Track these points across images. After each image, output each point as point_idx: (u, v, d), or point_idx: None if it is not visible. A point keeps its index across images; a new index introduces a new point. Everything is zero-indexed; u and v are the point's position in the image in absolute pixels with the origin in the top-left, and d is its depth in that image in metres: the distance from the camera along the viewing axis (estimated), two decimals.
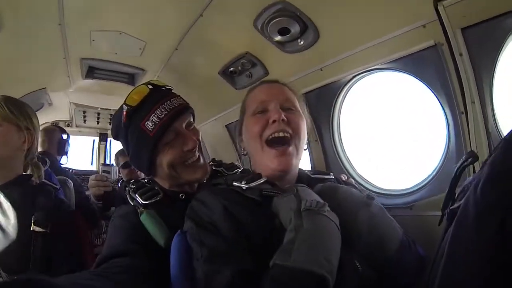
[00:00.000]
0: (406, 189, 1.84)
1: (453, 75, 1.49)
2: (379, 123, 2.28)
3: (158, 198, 1.23)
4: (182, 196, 1.32)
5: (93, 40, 2.32)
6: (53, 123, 3.75)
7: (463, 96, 1.47)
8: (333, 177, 1.36)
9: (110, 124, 4.06)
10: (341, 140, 2.22)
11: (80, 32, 2.23)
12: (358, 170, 2.15)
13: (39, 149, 2.90)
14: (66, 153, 3.18)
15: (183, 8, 1.98)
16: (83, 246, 1.54)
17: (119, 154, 3.26)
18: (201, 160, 1.33)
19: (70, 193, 2.31)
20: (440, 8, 1.37)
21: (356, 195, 1.08)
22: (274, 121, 1.17)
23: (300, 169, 1.30)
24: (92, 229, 2.91)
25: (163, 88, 1.31)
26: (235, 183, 1.11)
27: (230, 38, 2.20)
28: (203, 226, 1.00)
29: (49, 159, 2.35)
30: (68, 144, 3.20)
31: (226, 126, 3.15)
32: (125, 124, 1.24)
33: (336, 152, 2.18)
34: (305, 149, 1.28)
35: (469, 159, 0.98)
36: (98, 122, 4.30)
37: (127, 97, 1.23)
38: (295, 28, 1.86)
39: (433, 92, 1.63)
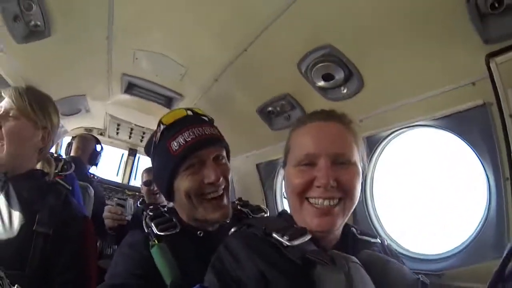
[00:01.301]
0: (437, 255, 1.74)
1: (500, 138, 1.43)
2: (416, 182, 2.19)
3: (174, 231, 1.21)
4: (200, 233, 1.28)
5: (136, 58, 2.44)
6: (87, 129, 4.01)
7: (510, 161, 1.39)
8: (379, 241, 1.18)
9: (141, 141, 4.36)
10: (372, 196, 2.16)
11: (125, 48, 2.35)
12: (386, 229, 2.07)
13: (72, 154, 3.13)
14: (96, 164, 3.34)
15: (228, 40, 2.04)
16: (88, 257, 1.47)
17: (145, 171, 3.30)
18: (225, 200, 1.27)
19: (90, 200, 2.39)
20: (492, 65, 1.34)
21: (409, 277, 0.95)
22: (319, 187, 0.99)
23: (346, 224, 1.13)
24: (104, 239, 2.93)
25: (202, 117, 1.33)
26: (275, 235, 0.95)
27: (272, 78, 2.23)
28: (228, 285, 0.90)
29: (78, 165, 2.42)
30: (100, 155, 3.36)
31: (257, 165, 3.13)
32: (156, 142, 1.27)
33: (366, 208, 2.11)
34: None
35: None
36: (130, 137, 4.46)
37: (164, 116, 1.27)
38: (339, 75, 1.86)
39: (477, 155, 1.58)
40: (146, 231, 1.21)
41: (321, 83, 1.94)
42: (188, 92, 2.83)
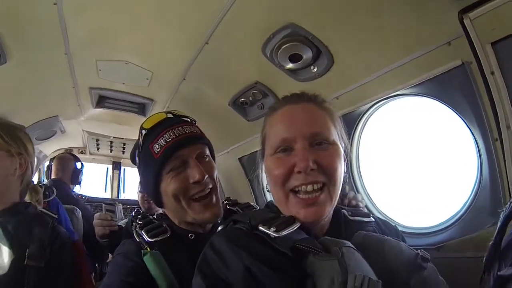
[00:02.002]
0: (433, 227, 1.64)
1: (484, 98, 1.31)
2: (402, 153, 2.07)
3: (165, 237, 1.17)
4: (191, 236, 1.24)
5: (100, 70, 2.33)
6: (67, 150, 3.85)
7: (497, 120, 1.28)
8: (373, 219, 1.11)
9: (123, 153, 4.28)
10: (360, 174, 2.04)
11: (87, 61, 2.23)
12: (379, 206, 1.95)
13: (52, 176, 3.01)
14: (79, 183, 3.22)
15: (187, 36, 1.92)
16: (83, 282, 1.45)
17: None
18: (214, 200, 1.23)
19: (78, 223, 2.29)
20: (466, 21, 1.22)
21: (408, 254, 0.87)
22: (300, 172, 0.91)
23: (337, 208, 1.05)
24: (99, 263, 2.86)
25: (182, 117, 1.31)
26: (261, 228, 0.87)
27: (239, 67, 2.10)
28: (215, 287, 0.82)
29: (61, 187, 2.36)
30: (82, 173, 3.23)
31: (239, 159, 2.99)
32: (139, 147, 1.26)
33: (355, 187, 1.99)
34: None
35: None
36: (111, 151, 4.34)
37: (144, 121, 1.26)
38: (307, 54, 1.74)
39: (461, 118, 1.46)
40: (137, 240, 1.17)
41: (289, 65, 1.82)
42: (158, 96, 2.70)
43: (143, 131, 1.23)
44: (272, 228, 0.85)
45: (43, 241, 1.30)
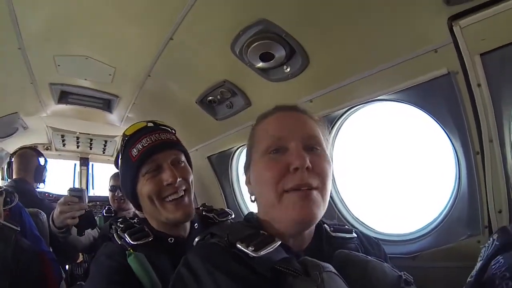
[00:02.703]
0: (408, 235, 1.59)
1: (468, 110, 1.24)
2: (378, 159, 1.98)
3: (147, 240, 1.16)
4: (171, 240, 1.24)
5: (59, 65, 2.13)
6: (32, 146, 3.46)
7: (479, 133, 1.23)
8: (355, 235, 1.06)
9: (90, 148, 4.06)
10: (334, 180, 1.91)
11: (43, 56, 2.03)
12: (353, 212, 1.85)
13: (14, 176, 2.74)
14: (43, 180, 2.90)
15: (150, 31, 1.73)
16: None
17: (112, 176, 3.02)
18: (185, 200, 1.24)
19: (43, 226, 2.13)
20: (456, 29, 1.13)
21: (391, 277, 0.83)
22: (296, 169, 0.84)
23: (318, 221, 0.97)
24: (69, 263, 2.78)
25: (161, 126, 1.34)
26: (239, 246, 0.81)
27: (206, 64, 1.92)
28: None
29: (24, 188, 2.19)
30: (46, 169, 2.92)
31: (208, 157, 2.84)
32: (121, 153, 1.31)
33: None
34: None
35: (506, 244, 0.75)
36: (78, 146, 4.03)
37: (126, 129, 1.31)
38: (280, 53, 1.57)
39: (443, 128, 1.37)
40: (119, 243, 1.17)
41: (260, 64, 1.66)
42: (123, 92, 2.49)
43: (125, 138, 1.29)
44: (250, 247, 0.79)
45: (6, 258, 1.25)
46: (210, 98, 2.14)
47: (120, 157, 1.32)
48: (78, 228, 1.62)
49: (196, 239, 0.96)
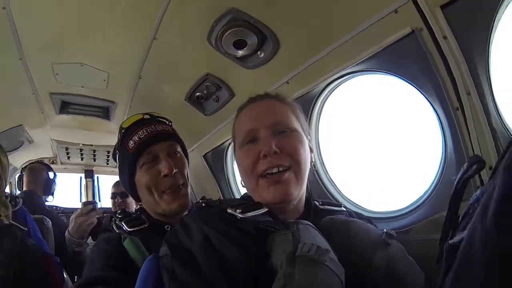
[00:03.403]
0: (400, 211, 1.49)
1: (439, 64, 1.17)
2: (363, 135, 1.90)
3: (143, 226, 1.19)
4: (167, 227, 1.25)
5: (57, 74, 2.14)
6: (38, 160, 3.54)
7: (455, 87, 1.15)
8: (344, 209, 1.12)
9: (94, 160, 4.07)
10: (322, 160, 1.85)
11: (43, 65, 2.05)
12: (343, 191, 1.77)
13: (24, 189, 2.81)
14: (52, 193, 2.96)
15: (136, 32, 1.75)
16: None
17: (113, 185, 3.13)
18: (182, 191, 1.27)
19: (48, 232, 2.10)
20: None
21: (373, 232, 0.87)
22: (265, 155, 0.95)
23: (308, 198, 1.08)
24: (76, 274, 2.72)
25: (157, 118, 1.38)
26: (229, 210, 0.91)
27: (188, 60, 1.92)
28: (179, 254, 0.82)
29: (33, 199, 2.21)
30: (55, 183, 2.98)
31: (203, 156, 2.80)
32: (118, 146, 1.33)
33: (316, 173, 1.80)
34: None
35: (473, 167, 0.70)
36: (82, 159, 4.04)
37: (123, 121, 1.33)
38: (252, 40, 1.58)
39: (419, 90, 1.29)
40: (117, 231, 1.18)
41: (236, 53, 1.67)
42: (118, 97, 2.51)
43: (122, 130, 1.31)
44: (238, 210, 0.89)
45: (12, 253, 1.23)
46: (198, 94, 2.14)
47: (118, 150, 1.34)
48: (93, 234, 1.72)
49: None
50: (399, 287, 0.78)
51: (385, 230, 0.86)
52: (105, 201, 3.87)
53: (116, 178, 4.16)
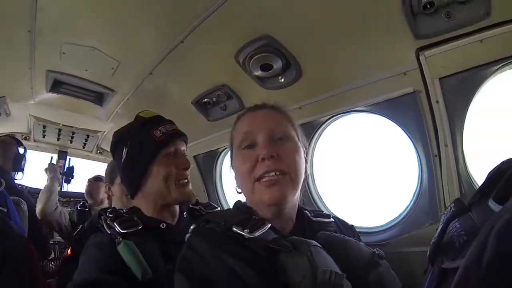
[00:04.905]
0: (379, 227, 1.82)
1: (428, 121, 1.53)
2: (353, 162, 2.23)
3: (136, 229, 1.19)
4: (163, 225, 1.30)
5: (64, 53, 2.10)
6: (9, 134, 3.29)
7: (437, 140, 1.51)
8: (333, 220, 1.19)
9: (71, 142, 3.87)
10: (313, 177, 2.15)
11: (51, 42, 2.01)
12: (330, 207, 2.08)
13: None
14: (22, 170, 2.80)
15: (164, 31, 1.82)
16: (37, 280, 1.33)
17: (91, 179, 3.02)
18: (190, 186, 1.37)
19: (24, 216, 2.07)
20: (421, 57, 1.42)
21: (366, 252, 0.97)
22: (263, 159, 0.99)
23: (300, 208, 1.14)
24: (44, 259, 2.74)
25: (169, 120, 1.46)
26: (235, 229, 0.92)
27: (209, 69, 2.06)
28: (198, 286, 0.83)
29: (3, 177, 2.03)
30: (25, 159, 2.82)
31: (194, 157, 2.93)
32: (135, 132, 1.35)
33: (308, 189, 2.09)
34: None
35: (459, 210, 0.89)
36: (58, 139, 3.84)
37: (137, 115, 1.41)
38: (277, 65, 1.77)
39: (408, 136, 1.65)
40: (108, 232, 1.17)
41: (259, 73, 1.84)
42: (120, 87, 2.51)
43: (142, 120, 1.38)
44: (246, 230, 0.91)
45: None
46: (206, 100, 2.27)
47: (131, 136, 1.35)
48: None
49: (192, 227, 1.04)
50: None
51: (376, 252, 0.96)
52: (74, 185, 3.69)
53: (89, 163, 4.00)
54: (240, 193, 1.13)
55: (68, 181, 2.99)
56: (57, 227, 2.68)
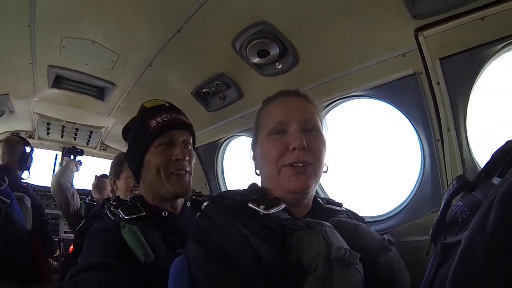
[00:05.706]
0: (382, 216, 1.78)
1: (430, 104, 1.48)
2: (354, 150, 2.19)
3: (139, 215, 1.21)
4: (165, 213, 1.31)
5: (64, 47, 2.15)
6: (14, 133, 3.41)
7: (439, 124, 1.46)
8: (344, 209, 1.21)
9: (75, 139, 3.90)
10: None
11: (51, 36, 2.05)
12: (330, 196, 2.04)
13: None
14: (28, 168, 2.86)
15: (160, 22, 1.85)
16: (41, 273, 1.38)
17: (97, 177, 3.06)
18: (187, 178, 1.33)
19: (28, 212, 2.10)
20: (420, 38, 1.38)
21: (376, 238, 0.98)
22: (294, 148, 1.00)
23: (315, 196, 1.16)
24: (50, 255, 2.76)
25: (178, 109, 1.44)
26: (250, 205, 0.96)
27: (207, 58, 2.08)
28: (215, 255, 0.85)
29: (9, 175, 2.07)
30: (31, 158, 2.88)
31: (196, 149, 2.84)
32: (135, 122, 1.37)
33: None
34: (324, 172, 1.10)
35: (462, 185, 0.90)
36: (62, 136, 3.87)
37: (142, 104, 1.40)
38: (274, 51, 1.77)
39: (409, 120, 1.60)
40: (112, 218, 1.20)
41: (256, 60, 1.84)
42: (120, 80, 2.55)
43: (144, 109, 1.37)
44: (261, 206, 0.94)
45: None
46: (205, 90, 2.28)
47: (134, 125, 1.37)
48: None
49: (205, 203, 1.06)
50: (396, 284, 0.92)
51: (386, 237, 0.97)
52: (79, 183, 3.74)
53: (95, 160, 4.04)
54: (258, 174, 1.16)
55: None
56: (65, 207, 2.80)
